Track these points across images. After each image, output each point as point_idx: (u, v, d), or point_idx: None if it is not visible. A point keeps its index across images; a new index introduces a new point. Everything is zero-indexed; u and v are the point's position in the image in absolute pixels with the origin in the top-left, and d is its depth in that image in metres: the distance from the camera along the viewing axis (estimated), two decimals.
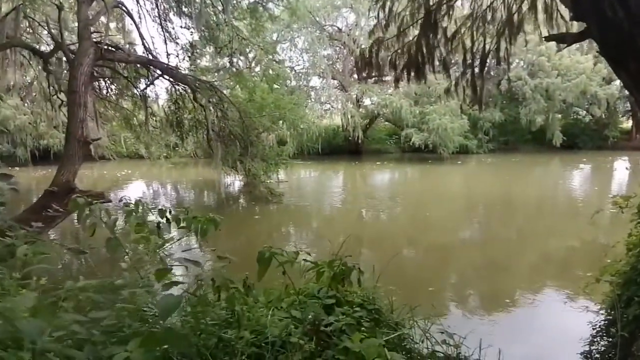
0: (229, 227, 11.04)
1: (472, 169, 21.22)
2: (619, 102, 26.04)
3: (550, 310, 4.85)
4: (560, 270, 6.98)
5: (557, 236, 9.07)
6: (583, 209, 11.72)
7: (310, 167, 23.33)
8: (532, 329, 4.40)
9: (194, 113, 12.35)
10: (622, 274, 2.59)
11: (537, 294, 5.72)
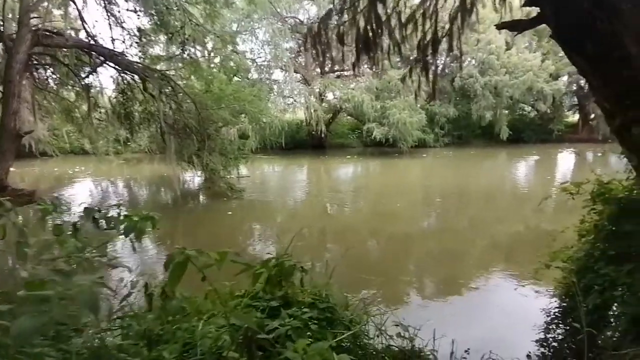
0: (186, 225, 10.54)
1: (430, 162, 22.02)
2: (565, 97, 28.17)
3: (503, 296, 5.07)
4: (510, 256, 7.39)
5: (507, 223, 9.68)
6: (529, 197, 12.62)
7: (273, 162, 22.96)
8: (485, 315, 4.56)
9: (144, 104, 11.57)
10: (576, 261, 2.68)
11: (489, 280, 6.02)
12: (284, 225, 10.20)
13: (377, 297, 5.27)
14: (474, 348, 3.44)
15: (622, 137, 2.48)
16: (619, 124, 2.40)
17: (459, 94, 26.69)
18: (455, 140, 26.85)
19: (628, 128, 2.36)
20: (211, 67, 12.72)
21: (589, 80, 2.58)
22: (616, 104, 2.42)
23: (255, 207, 11.79)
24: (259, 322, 1.40)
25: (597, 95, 2.56)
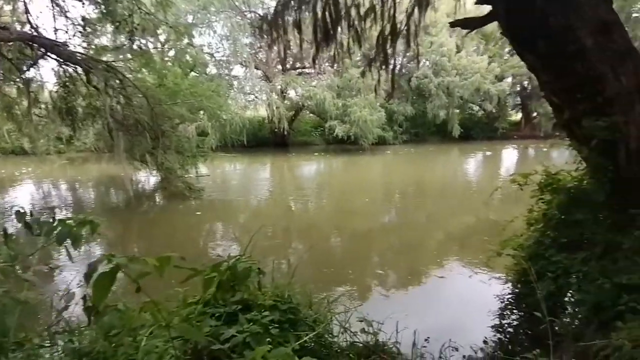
0: (140, 228, 9.86)
1: (389, 159, 22.63)
2: (509, 97, 30.38)
3: (460, 285, 5.26)
4: (465, 246, 7.79)
5: (461, 216, 10.24)
6: (480, 191, 13.45)
7: (235, 160, 22.30)
8: (444, 304, 4.69)
9: (88, 99, 10.63)
10: (526, 248, 2.79)
11: (447, 270, 6.25)
12: (247, 225, 9.89)
13: (342, 293, 5.26)
14: (434, 337, 3.51)
15: (571, 130, 2.61)
16: (569, 117, 2.53)
17: (415, 94, 27.88)
18: (412, 138, 27.93)
19: (578, 121, 2.50)
20: (165, 60, 11.96)
21: (539, 76, 2.70)
22: (566, 98, 2.54)
23: (216, 207, 11.33)
24: (214, 331, 1.26)
25: (546, 90, 2.69)
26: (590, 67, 2.38)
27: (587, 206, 2.46)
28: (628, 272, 2.13)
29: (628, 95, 2.34)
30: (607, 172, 2.37)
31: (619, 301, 2.08)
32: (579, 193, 2.51)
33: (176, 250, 4.37)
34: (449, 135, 27.71)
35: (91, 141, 16.97)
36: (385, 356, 1.98)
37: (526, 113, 31.45)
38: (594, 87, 2.39)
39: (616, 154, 2.35)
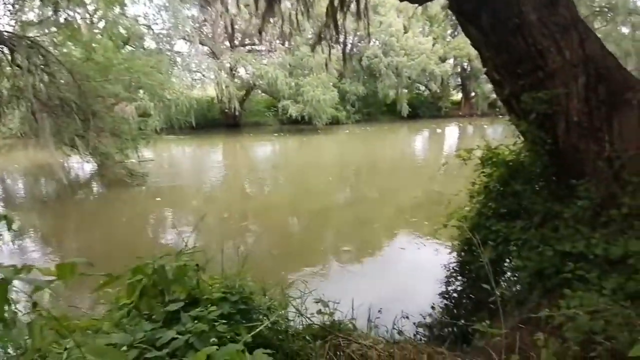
0: (77, 219, 8.97)
1: (343, 138, 22.88)
2: (451, 78, 31.99)
3: (410, 256, 5.54)
4: (414, 219, 8.20)
5: (410, 191, 10.78)
6: (427, 166, 14.45)
7: (183, 143, 21.06)
8: (396, 275, 4.92)
9: (13, 80, 9.24)
10: (469, 219, 2.93)
11: (397, 243, 6.60)
12: (200, 212, 9.42)
13: (299, 275, 5.28)
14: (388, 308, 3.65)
15: (511, 106, 2.73)
16: (509, 92, 2.63)
17: (366, 73, 28.25)
18: (364, 117, 28.46)
19: (518, 96, 2.60)
20: (94, 33, 10.57)
21: (481, 52, 2.76)
22: (507, 73, 2.63)
23: (164, 193, 10.60)
24: (150, 335, 1.12)
25: (488, 66, 2.77)
26: (533, 42, 2.46)
27: (525, 178, 2.63)
28: (571, 240, 2.30)
29: (571, 69, 2.45)
30: (544, 144, 2.52)
31: (563, 269, 2.22)
32: (516, 165, 2.67)
33: (119, 243, 4.05)
34: (398, 115, 28.65)
35: (17, 126, 14.89)
36: (341, 334, 1.98)
37: (465, 93, 33.49)
38: (535, 61, 2.49)
39: (555, 127, 2.50)
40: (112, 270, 2.08)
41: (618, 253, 2.15)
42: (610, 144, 2.40)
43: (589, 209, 2.32)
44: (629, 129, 2.37)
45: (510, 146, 2.89)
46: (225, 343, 1.25)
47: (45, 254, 6.93)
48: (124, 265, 1.28)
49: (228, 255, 2.30)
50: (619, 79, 2.48)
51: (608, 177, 2.37)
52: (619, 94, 2.42)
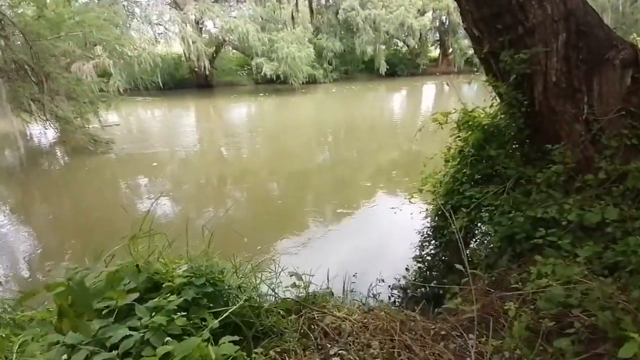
0: (43, 190, 8.47)
1: (320, 98, 22.28)
2: (430, 32, 31.02)
3: (387, 221, 5.56)
4: (391, 183, 8.32)
5: (388, 152, 10.85)
6: (405, 126, 14.56)
7: (151, 105, 19.86)
8: (373, 240, 4.99)
9: None
10: (444, 185, 2.90)
11: (374, 207, 6.67)
12: (174, 178, 9.13)
13: (277, 238, 5.29)
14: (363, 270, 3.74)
15: (489, 64, 2.60)
16: (488, 50, 2.49)
17: (343, 28, 26.92)
18: (342, 76, 27.61)
19: (497, 54, 2.47)
20: None
21: (461, 4, 2.57)
22: (486, 28, 2.47)
23: (134, 160, 10.09)
24: (101, 333, 1.01)
25: (467, 20, 2.59)
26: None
27: (499, 142, 2.58)
28: (543, 206, 2.27)
29: (552, 24, 2.31)
30: (521, 106, 2.45)
31: (534, 234, 2.21)
32: (492, 128, 2.60)
33: (89, 213, 3.77)
34: (376, 72, 27.92)
35: None
36: (316, 307, 1.96)
37: (444, 49, 32.76)
38: (515, 16, 2.34)
39: (532, 88, 2.41)
40: (84, 242, 1.86)
41: (594, 220, 2.11)
42: (589, 106, 2.34)
43: (563, 174, 2.31)
44: (608, 90, 2.31)
45: (486, 109, 2.81)
46: (187, 335, 1.16)
47: (14, 229, 6.62)
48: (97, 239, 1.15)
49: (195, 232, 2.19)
50: (601, 37, 2.38)
51: (585, 141, 2.34)
52: (600, 53, 2.33)
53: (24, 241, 6.00)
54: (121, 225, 6.46)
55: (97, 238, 5.92)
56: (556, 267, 1.88)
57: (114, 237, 5.15)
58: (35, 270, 5.12)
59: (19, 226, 6.69)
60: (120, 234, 2.23)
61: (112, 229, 6.19)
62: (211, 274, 1.63)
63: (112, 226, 6.23)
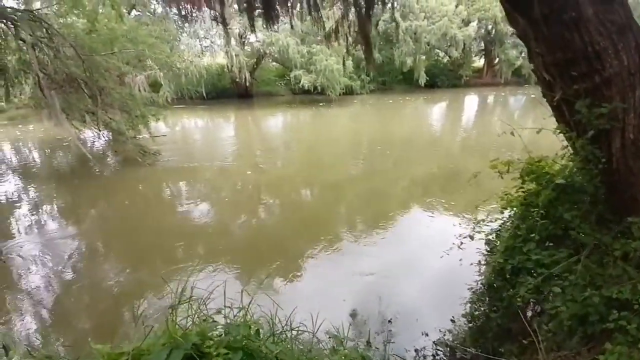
0: (92, 195, 9.02)
1: (356, 109, 22.14)
2: (474, 43, 29.83)
3: (432, 264, 4.95)
4: (427, 195, 8.14)
5: (424, 165, 10.56)
6: (444, 140, 14.24)
7: (195, 114, 20.77)
8: (419, 277, 4.66)
9: (19, 53, 9.00)
10: (504, 240, 2.59)
11: (419, 251, 6.36)
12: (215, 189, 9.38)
13: (308, 256, 5.19)
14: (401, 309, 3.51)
15: (561, 112, 2.34)
16: (561, 97, 2.24)
17: (382, 39, 26.66)
18: (379, 87, 27.29)
19: (571, 102, 2.22)
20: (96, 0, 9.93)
21: (529, 46, 2.34)
22: (560, 74, 2.23)
23: (178, 172, 10.45)
24: None
25: (536, 63, 2.35)
26: (590, 40, 2.05)
27: (573, 201, 2.29)
28: (618, 283, 2.00)
29: (629, 77, 2.05)
30: (598, 163, 2.17)
31: (607, 316, 1.94)
32: (565, 186, 2.32)
33: (135, 219, 3.84)
34: (415, 84, 27.26)
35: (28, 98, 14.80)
36: None
37: (489, 59, 31.35)
38: (591, 64, 2.09)
39: (610, 144, 2.13)
40: (126, 246, 1.80)
41: None
42: None
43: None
44: None
45: (556, 159, 2.52)
46: None
47: (62, 227, 7.11)
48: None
49: (231, 237, 2.12)
50: None
51: None
52: None
53: (70, 242, 6.43)
54: (163, 232, 6.74)
55: (139, 242, 6.32)
56: (621, 357, 1.61)
57: (154, 244, 5.34)
58: (77, 271, 5.41)
59: (66, 227, 7.19)
60: (160, 242, 2.26)
61: (153, 235, 6.54)
62: (248, 341, 1.54)
63: (153, 232, 6.67)
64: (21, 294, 4.72)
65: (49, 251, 5.96)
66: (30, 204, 8.49)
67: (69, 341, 3.78)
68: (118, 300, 4.50)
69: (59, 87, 8.53)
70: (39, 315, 4.29)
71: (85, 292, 4.76)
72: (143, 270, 5.24)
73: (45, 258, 5.71)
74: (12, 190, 9.35)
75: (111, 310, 4.29)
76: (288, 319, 1.95)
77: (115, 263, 5.57)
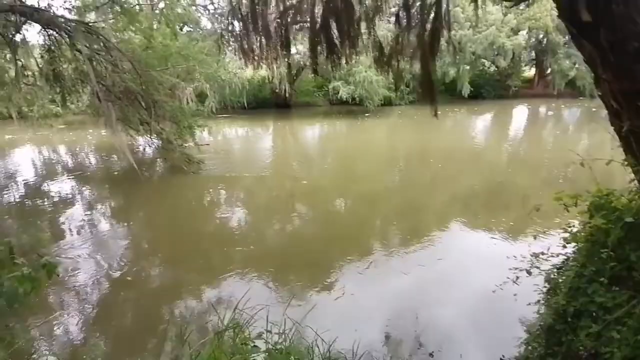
0: (142, 199, 9.65)
1: (394, 120, 21.87)
2: (523, 52, 28.32)
3: (490, 299, 4.76)
4: (468, 212, 7.83)
5: (466, 180, 10.15)
6: (489, 154, 13.64)
7: (236, 124, 21.62)
8: (471, 314, 4.36)
9: (75, 63, 9.92)
10: (567, 280, 2.40)
11: (450, 242, 6.27)
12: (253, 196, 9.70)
13: (341, 271, 5.15)
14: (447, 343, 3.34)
15: (628, 143, 2.17)
16: (628, 128, 2.08)
17: None
18: (419, 98, 26.75)
19: (639, 134, 2.05)
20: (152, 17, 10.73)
21: (596, 72, 2.20)
22: (628, 104, 2.07)
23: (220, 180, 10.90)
24: None
25: (603, 89, 2.20)
26: None
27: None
28: None
29: None
30: None
31: None
32: (633, 224, 2.12)
33: (181, 225, 4.10)
34: (458, 95, 26.38)
35: (85, 105, 16.26)
36: None
37: (540, 69, 29.60)
38: None
39: None
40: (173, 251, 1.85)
41: None
42: None
43: None
44: None
45: (624, 193, 2.33)
46: None
47: (113, 228, 7.66)
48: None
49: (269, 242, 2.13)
50: None
51: None
52: None
53: (118, 241, 6.88)
54: (206, 236, 7.04)
55: (182, 246, 6.62)
56: None
57: (195, 248, 5.56)
58: (124, 268, 5.76)
59: (116, 228, 7.72)
60: (200, 246, 2.27)
61: (194, 239, 6.88)
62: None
63: (194, 236, 7.04)
64: (67, 292, 4.96)
65: (98, 250, 6.39)
66: (84, 204, 9.23)
67: (109, 344, 3.98)
68: (159, 302, 4.73)
69: (116, 98, 9.29)
70: (82, 314, 4.47)
71: (129, 295, 5.04)
72: (185, 275, 5.49)
73: (93, 257, 6.10)
74: (67, 191, 10.24)
75: (152, 313, 4.51)
76: (328, 349, 1.95)
77: (159, 265, 5.90)
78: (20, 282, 1.53)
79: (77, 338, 4.05)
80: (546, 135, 17.95)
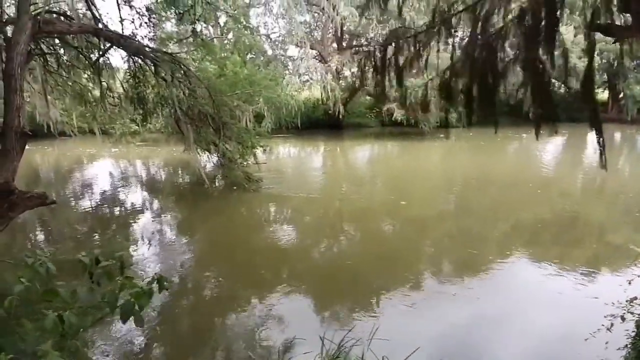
0: (204, 212, 10.35)
1: (451, 143, 21.09)
2: (597, 73, 26.14)
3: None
4: (536, 245, 7.22)
5: (532, 208, 9.49)
6: (559, 182, 12.77)
7: (289, 143, 22.41)
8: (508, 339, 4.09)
9: (157, 88, 11.18)
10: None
11: (512, 264, 6.05)
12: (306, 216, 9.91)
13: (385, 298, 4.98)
14: None
15: None
16: None
17: None
18: (479, 119, 25.57)
19: None
20: (224, 47, 11.86)
21: None
22: None
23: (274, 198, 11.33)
24: None
25: None
26: None
27: None
28: None
29: None
30: None
31: None
32: None
33: (238, 237, 4.30)
34: (524, 116, 24.66)
35: (161, 125, 18.03)
36: None
37: (613, 93, 27.06)
38: None
39: None
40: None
41: None
42: None
43: None
44: None
45: None
46: None
47: (177, 237, 8.30)
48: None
49: None
50: None
51: None
52: None
53: (180, 249, 7.45)
54: (254, 252, 7.32)
55: (235, 259, 6.96)
56: None
57: (248, 261, 5.77)
58: (181, 277, 6.16)
59: (179, 237, 8.37)
60: (252, 260, 2.31)
61: (247, 253, 7.17)
62: None
63: (247, 251, 7.35)
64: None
65: (161, 256, 6.98)
66: (153, 213, 10.15)
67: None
68: (212, 312, 4.98)
69: (192, 121, 10.25)
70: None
71: (185, 304, 5.36)
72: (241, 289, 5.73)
73: (156, 262, 6.66)
74: (139, 201, 11.33)
75: (204, 321, 4.76)
76: None
77: (215, 275, 6.26)
78: (138, 297, 1.64)
79: (138, 347, 4.36)
80: (622, 162, 16.12)
